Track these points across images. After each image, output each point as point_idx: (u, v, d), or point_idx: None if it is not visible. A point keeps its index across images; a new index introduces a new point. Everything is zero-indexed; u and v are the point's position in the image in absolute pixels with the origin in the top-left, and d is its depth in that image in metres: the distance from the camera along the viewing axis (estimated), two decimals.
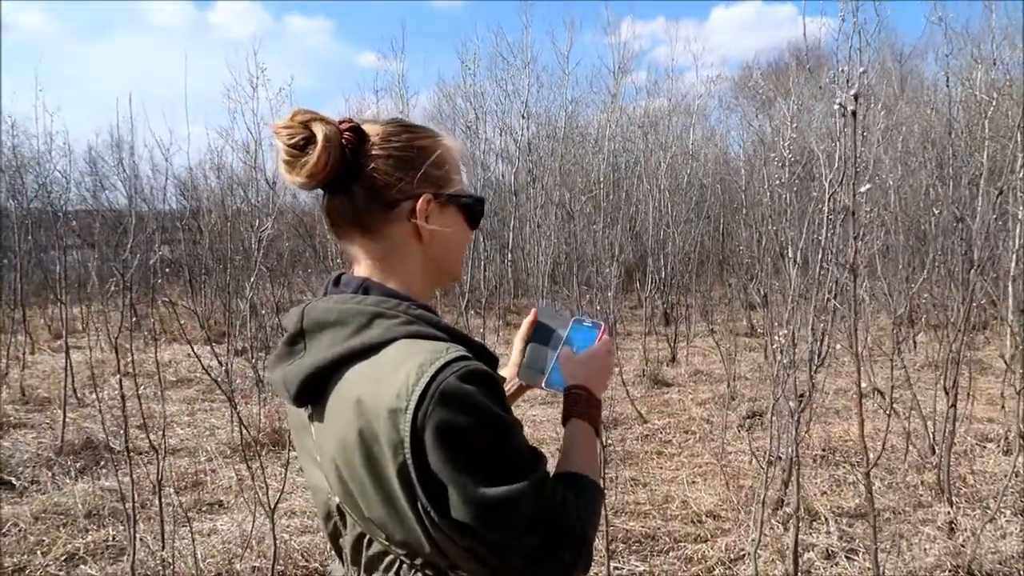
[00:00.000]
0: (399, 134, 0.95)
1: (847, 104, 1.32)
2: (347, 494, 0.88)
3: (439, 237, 0.96)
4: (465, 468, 0.79)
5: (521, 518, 0.81)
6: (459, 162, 1.01)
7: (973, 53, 11.88)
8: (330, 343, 0.88)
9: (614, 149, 12.74)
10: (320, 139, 0.89)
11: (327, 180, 0.93)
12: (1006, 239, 9.09)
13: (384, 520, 0.85)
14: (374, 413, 0.81)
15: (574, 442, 1.01)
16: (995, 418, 5.21)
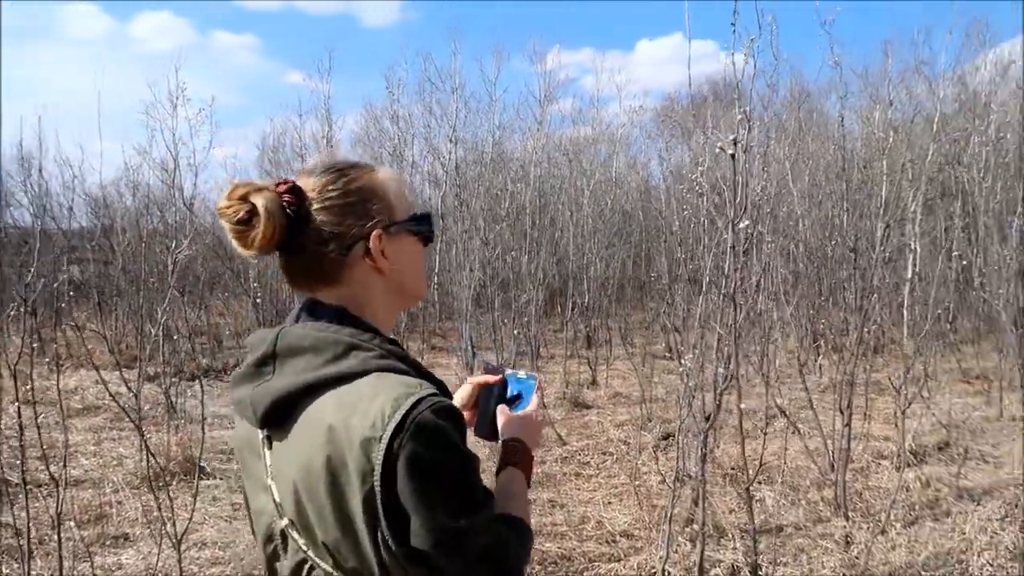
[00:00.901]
0: (335, 181, 0.97)
1: (726, 148, 1.43)
2: (302, 517, 0.90)
3: (397, 265, 0.99)
4: (433, 499, 0.83)
5: (476, 549, 0.86)
6: (398, 188, 1.02)
7: (872, 94, 12.74)
8: (303, 368, 0.90)
9: (540, 175, 12.99)
10: (262, 211, 0.91)
11: (278, 245, 0.95)
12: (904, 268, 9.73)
13: (338, 545, 0.87)
14: (346, 441, 0.84)
15: (511, 488, 1.07)
16: (890, 436, 5.54)
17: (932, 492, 4.47)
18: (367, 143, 15.55)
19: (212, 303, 11.77)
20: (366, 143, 15.56)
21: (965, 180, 10.86)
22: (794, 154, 10.66)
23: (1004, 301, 5.39)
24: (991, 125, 11.13)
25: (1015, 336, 5.41)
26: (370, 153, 15.26)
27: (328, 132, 12.84)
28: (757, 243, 4.58)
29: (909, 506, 4.27)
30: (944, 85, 11.86)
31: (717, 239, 3.25)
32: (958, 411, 6.27)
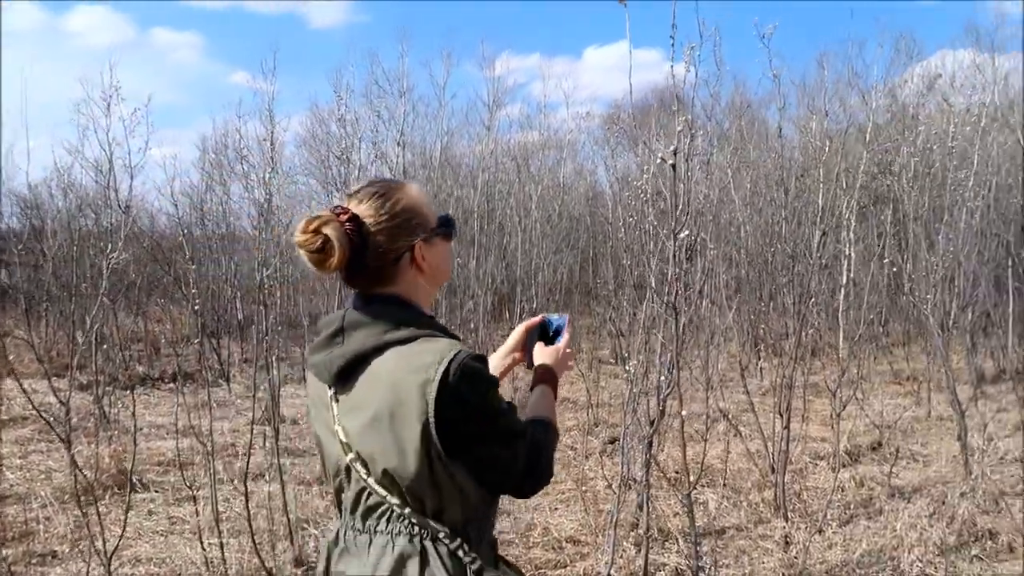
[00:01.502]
0: (383, 206, 1.22)
1: (667, 159, 1.45)
2: (365, 452, 1.17)
3: (433, 264, 1.28)
4: (479, 415, 1.15)
5: (523, 444, 1.20)
6: (425, 197, 1.31)
7: (809, 105, 13.16)
8: (365, 337, 1.18)
9: (488, 180, 12.98)
10: (335, 242, 1.16)
11: (348, 264, 1.21)
12: (839, 274, 10.07)
13: (396, 469, 1.13)
14: (405, 387, 1.12)
15: (541, 400, 1.42)
16: (827, 437, 5.71)
17: (866, 491, 4.63)
18: (313, 145, 15.30)
19: (150, 309, 11.38)
20: (312, 145, 15.32)
21: (896, 189, 11.30)
22: (736, 162, 10.94)
23: (931, 306, 5.62)
24: (919, 136, 11.60)
25: (941, 339, 5.64)
26: (316, 156, 15.04)
27: (272, 133, 12.58)
28: (700, 250, 4.68)
29: (845, 505, 4.40)
30: (876, 97, 12.36)
31: (661, 246, 3.30)
32: (890, 412, 6.50)
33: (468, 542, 1.18)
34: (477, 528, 1.21)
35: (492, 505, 1.27)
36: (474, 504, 1.19)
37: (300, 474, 4.98)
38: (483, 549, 1.21)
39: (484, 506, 1.23)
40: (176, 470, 4.65)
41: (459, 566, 1.16)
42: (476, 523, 1.21)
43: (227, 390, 7.82)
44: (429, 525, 1.16)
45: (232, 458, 5.35)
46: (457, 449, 1.13)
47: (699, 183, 7.23)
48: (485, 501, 1.22)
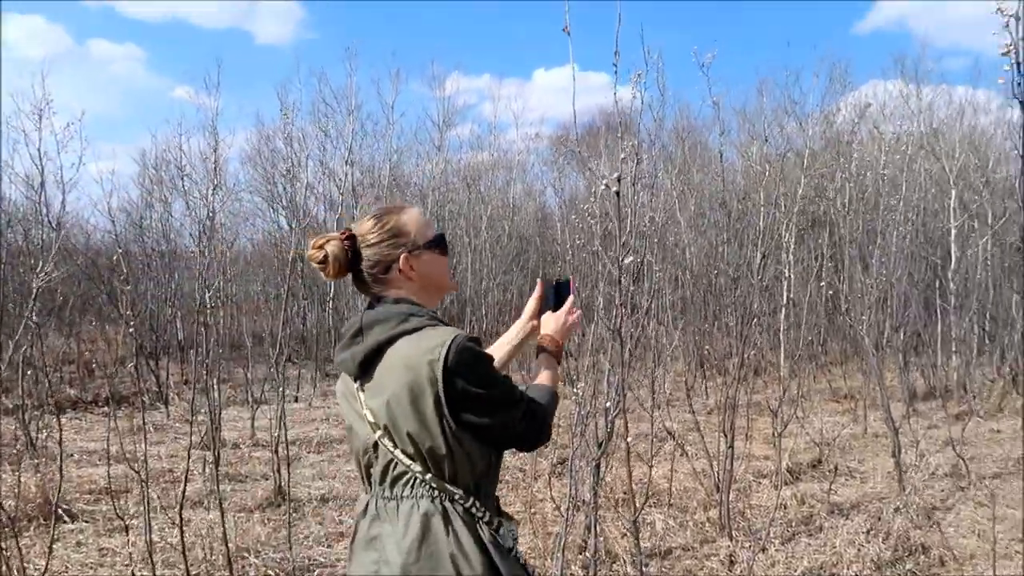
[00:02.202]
0: (374, 226, 1.49)
1: (611, 186, 1.47)
2: (391, 426, 1.38)
3: (422, 273, 1.51)
4: (480, 385, 1.36)
5: (519, 408, 1.42)
6: (418, 219, 1.52)
7: (750, 130, 13.58)
8: (380, 332, 1.41)
9: (438, 200, 12.97)
10: (330, 255, 1.47)
11: (345, 273, 1.50)
12: (780, 295, 10.36)
13: (418, 434, 1.35)
14: (417, 366, 1.34)
15: (543, 366, 1.62)
16: (769, 455, 5.83)
17: (807, 508, 4.73)
18: (258, 162, 15.04)
19: (84, 329, 10.94)
20: (257, 162, 15.05)
21: (831, 213, 11.73)
22: (681, 184, 11.20)
23: (866, 326, 5.82)
24: (853, 162, 12.09)
25: (876, 359, 5.85)
26: (262, 173, 14.77)
27: (215, 149, 12.32)
28: (646, 271, 4.75)
29: (787, 523, 4.49)
30: (812, 124, 12.83)
31: (607, 270, 3.34)
32: (829, 429, 6.69)
33: (478, 499, 1.41)
34: (485, 488, 1.44)
35: (495, 467, 1.48)
36: (481, 468, 1.42)
37: (241, 501, 4.83)
38: (490, 504, 1.45)
39: (489, 468, 1.45)
40: (108, 498, 4.46)
41: (472, 520, 1.40)
42: (484, 483, 1.44)
43: (165, 414, 7.55)
44: (446, 488, 1.38)
45: (169, 485, 5.16)
46: (463, 416, 1.35)
47: (644, 206, 7.37)
48: (490, 464, 1.45)
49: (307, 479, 5.43)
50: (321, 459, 6.02)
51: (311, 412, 7.83)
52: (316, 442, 6.53)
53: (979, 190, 10.76)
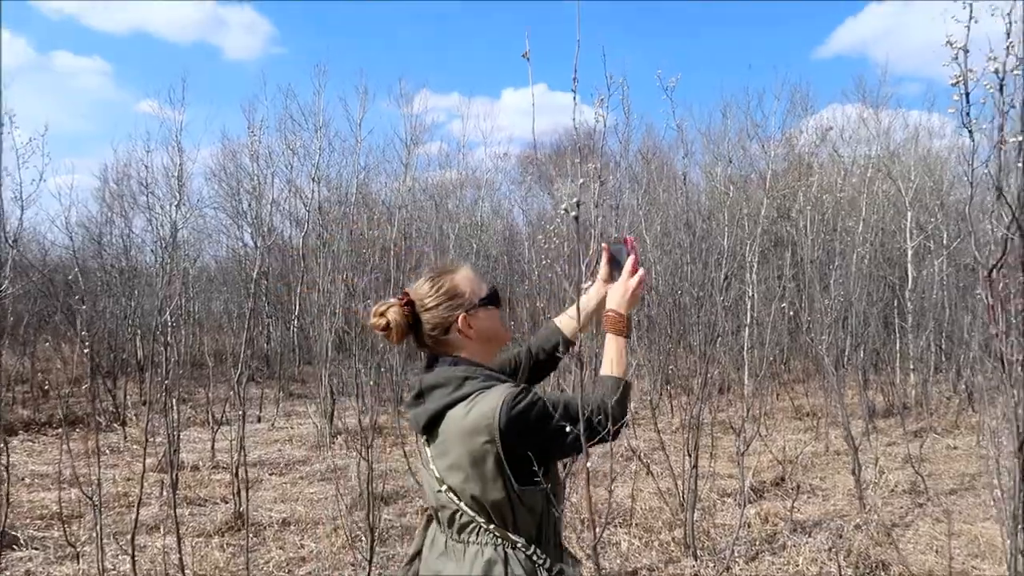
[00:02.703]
0: (430, 290, 1.57)
1: (570, 210, 1.48)
2: (453, 483, 1.48)
3: (480, 329, 1.58)
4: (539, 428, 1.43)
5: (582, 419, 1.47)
6: (471, 278, 1.61)
7: (714, 151, 13.82)
8: (439, 396, 1.49)
9: (405, 217, 12.94)
10: (392, 324, 1.56)
11: (407, 337, 1.59)
12: (744, 314, 10.50)
13: (481, 495, 1.45)
14: (475, 433, 1.42)
15: (608, 349, 1.61)
16: (734, 474, 5.88)
17: (770, 527, 4.77)
18: (224, 179, 14.86)
19: (39, 348, 10.64)
20: (222, 178, 14.87)
21: (793, 233, 11.96)
22: (647, 204, 11.34)
23: (827, 345, 5.93)
24: (814, 184, 12.37)
25: (836, 377, 5.95)
26: (227, 189, 14.59)
27: (179, 164, 12.16)
28: None
29: (751, 541, 4.52)
30: (774, 146, 13.10)
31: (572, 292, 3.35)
32: (792, 447, 6.78)
33: (539, 545, 1.50)
34: (546, 533, 1.53)
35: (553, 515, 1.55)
36: (540, 516, 1.51)
37: (200, 525, 4.71)
38: (551, 549, 1.54)
39: (549, 516, 1.53)
40: (59, 524, 4.32)
41: (532, 566, 1.49)
42: (544, 530, 1.52)
43: (122, 435, 7.36)
44: (508, 536, 1.48)
45: (125, 510, 5.01)
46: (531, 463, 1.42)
47: (609, 226, 7.44)
48: (550, 512, 1.53)
49: (268, 502, 5.32)
50: (284, 481, 5.91)
51: (274, 433, 7.69)
52: (279, 464, 6.42)
53: (934, 212, 11.07)
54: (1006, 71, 2.31)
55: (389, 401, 8.20)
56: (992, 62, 2.37)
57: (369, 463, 4.15)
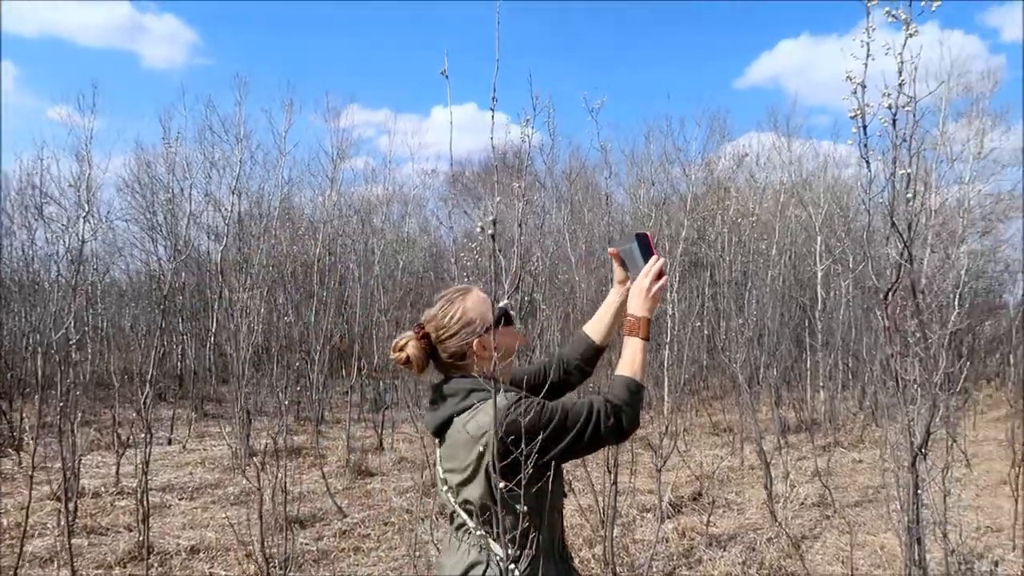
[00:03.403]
0: (443, 321, 1.65)
1: (486, 228, 1.48)
2: (458, 488, 1.58)
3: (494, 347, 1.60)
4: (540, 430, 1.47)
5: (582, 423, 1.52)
6: (482, 301, 1.67)
7: (638, 174, 14.19)
8: (450, 405, 1.61)
9: (330, 232, 12.70)
10: (412, 357, 1.67)
11: (427, 367, 1.70)
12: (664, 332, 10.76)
13: (475, 500, 1.54)
14: (474, 438, 1.52)
15: (624, 351, 1.64)
16: (653, 490, 5.98)
17: (687, 541, 4.87)
18: (137, 190, 14.23)
19: None
20: (136, 190, 14.24)
21: (711, 255, 12.38)
22: (572, 223, 11.51)
23: (741, 363, 6.13)
24: (731, 208, 12.85)
25: (750, 394, 6.15)
26: (141, 201, 13.97)
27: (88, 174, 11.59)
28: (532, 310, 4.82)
29: (668, 556, 4.60)
30: (694, 170, 13.55)
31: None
32: (709, 462, 6.96)
33: (530, 548, 1.54)
34: (543, 538, 1.57)
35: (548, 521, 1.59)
36: (531, 521, 1.53)
37: (100, 556, 4.44)
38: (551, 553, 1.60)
39: (543, 521, 1.57)
40: None
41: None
42: (542, 534, 1.56)
43: (17, 460, 6.88)
44: (494, 540, 1.56)
45: (17, 542, 4.67)
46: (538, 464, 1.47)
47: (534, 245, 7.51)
48: (543, 518, 1.57)
49: (177, 529, 5.07)
50: (194, 506, 5.65)
51: (186, 455, 7.35)
52: (190, 488, 6.13)
53: (841, 237, 11.67)
54: (898, 107, 2.46)
55: (308, 420, 7.98)
56: (886, 98, 2.52)
57: (284, 486, 4.03)
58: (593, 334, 1.92)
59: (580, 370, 1.91)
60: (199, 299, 12.75)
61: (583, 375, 1.92)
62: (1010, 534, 5.02)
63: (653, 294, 1.68)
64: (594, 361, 1.91)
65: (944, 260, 8.20)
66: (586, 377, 1.93)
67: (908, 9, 2.47)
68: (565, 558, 1.69)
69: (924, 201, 2.90)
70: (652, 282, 1.68)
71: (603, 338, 1.91)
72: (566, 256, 9.79)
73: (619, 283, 1.87)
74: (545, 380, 1.88)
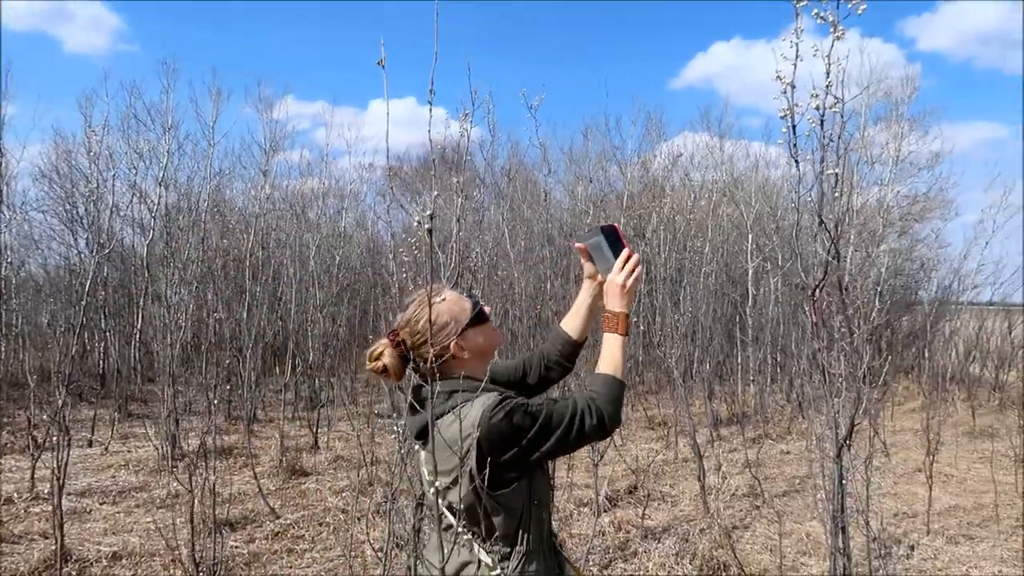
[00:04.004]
0: (417, 325, 1.62)
1: (423, 223, 1.45)
2: (444, 490, 1.55)
3: (472, 347, 1.64)
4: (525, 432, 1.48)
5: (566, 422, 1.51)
6: (456, 306, 1.63)
7: (576, 171, 14.30)
8: (433, 407, 1.53)
9: (263, 227, 12.36)
10: (389, 366, 1.65)
11: (404, 373, 1.69)
12: None
13: (462, 501, 1.52)
14: (457, 439, 1.47)
15: (604, 348, 1.63)
16: (590, 484, 6.05)
17: (623, 534, 4.94)
18: (56, 180, 13.52)
19: None
20: (55, 180, 13.52)
21: (648, 251, 12.59)
22: (512, 220, 11.51)
23: (676, 359, 6.25)
24: (666, 206, 13.10)
25: (684, 388, 6.28)
26: (57, 192, 13.28)
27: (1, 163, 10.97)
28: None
29: (604, 549, 4.65)
30: (631, 168, 13.77)
31: None
32: (644, 456, 7.08)
33: (512, 548, 1.55)
34: (525, 536, 1.56)
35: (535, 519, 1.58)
36: (517, 523, 1.55)
37: (12, 566, 4.20)
38: (540, 549, 1.59)
39: (531, 518, 1.57)
40: None
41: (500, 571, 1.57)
42: (528, 531, 1.56)
43: None
44: (483, 540, 1.55)
45: None
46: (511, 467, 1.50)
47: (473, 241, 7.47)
48: (531, 514, 1.57)
49: (97, 535, 4.84)
50: (117, 511, 5.41)
51: (108, 458, 7.03)
52: (113, 492, 5.87)
53: (771, 235, 12.04)
54: (826, 108, 2.54)
55: (240, 419, 7.76)
56: (814, 99, 2.59)
57: (214, 487, 3.89)
58: (570, 330, 1.89)
59: (560, 366, 1.88)
60: (123, 295, 12.24)
61: (564, 370, 1.90)
62: (924, 519, 5.28)
63: (629, 289, 1.66)
64: (574, 356, 1.89)
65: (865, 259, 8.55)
66: (567, 372, 1.91)
67: (836, 12, 2.55)
68: (555, 550, 1.67)
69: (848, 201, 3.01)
70: (627, 277, 1.66)
71: (580, 333, 1.88)
72: (505, 252, 9.80)
73: (588, 278, 1.85)
74: (526, 377, 1.87)
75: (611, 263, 1.68)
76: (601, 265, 1.72)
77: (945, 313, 13.39)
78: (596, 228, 1.72)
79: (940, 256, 14.56)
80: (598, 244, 1.71)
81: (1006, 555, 4.74)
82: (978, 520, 5.46)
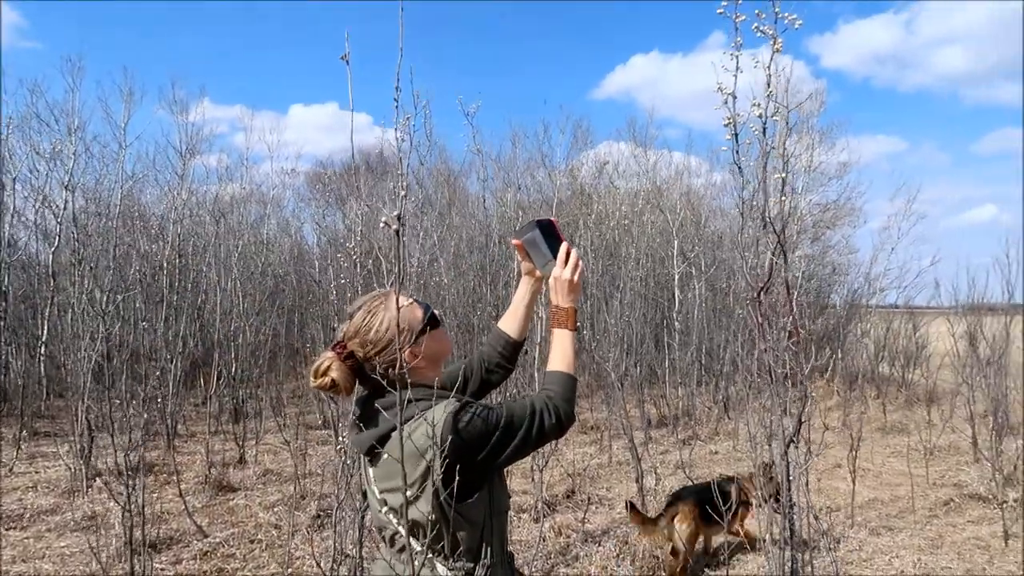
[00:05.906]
0: (366, 335, 1.52)
1: (391, 223, 1.40)
2: (398, 508, 1.47)
3: (426, 355, 1.54)
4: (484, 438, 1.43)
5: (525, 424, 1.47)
6: (408, 312, 1.53)
7: (505, 178, 14.36)
8: (384, 420, 1.48)
9: (181, 233, 11.85)
10: (339, 381, 1.52)
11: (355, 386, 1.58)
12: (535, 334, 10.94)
13: (418, 513, 1.43)
14: (417, 451, 1.41)
15: (554, 344, 1.61)
16: (528, 490, 6.05)
17: (564, 539, 4.96)
18: None
19: None
20: None
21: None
22: (442, 227, 11.45)
23: (612, 363, 6.33)
24: (594, 212, 13.31)
25: (619, 392, 6.37)
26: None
27: None
28: None
29: (546, 555, 4.65)
30: (559, 175, 13.92)
31: None
32: (580, 460, 7.14)
33: (475, 562, 1.49)
34: (491, 545, 1.50)
35: (495, 533, 1.53)
36: (482, 529, 1.49)
37: None
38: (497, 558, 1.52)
39: (492, 527, 1.51)
40: None
41: None
42: (488, 541, 1.50)
43: None
44: (441, 560, 1.48)
45: None
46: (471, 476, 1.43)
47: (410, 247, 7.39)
48: (492, 523, 1.51)
49: (6, 563, 4.50)
50: (26, 536, 5.04)
51: (14, 480, 6.56)
52: (20, 515, 5.47)
53: (695, 242, 12.41)
54: (767, 116, 2.62)
55: (160, 435, 7.39)
56: (756, 108, 2.68)
57: (129, 509, 3.68)
58: (509, 330, 1.84)
59: (502, 367, 1.83)
60: (27, 305, 11.48)
61: (505, 372, 1.85)
62: (848, 512, 5.53)
63: (575, 284, 1.64)
64: (514, 357, 1.84)
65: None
66: (508, 374, 1.86)
67: (774, 26, 2.65)
68: (510, 560, 1.64)
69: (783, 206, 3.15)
70: (572, 271, 1.63)
71: (519, 333, 1.83)
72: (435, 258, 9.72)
73: (526, 275, 1.80)
74: (467, 382, 1.80)
75: (548, 258, 1.65)
76: (538, 261, 1.68)
77: (856, 315, 14.12)
78: (532, 223, 1.67)
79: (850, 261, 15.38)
80: (534, 240, 1.66)
81: (923, 544, 5.01)
82: (895, 511, 5.76)
